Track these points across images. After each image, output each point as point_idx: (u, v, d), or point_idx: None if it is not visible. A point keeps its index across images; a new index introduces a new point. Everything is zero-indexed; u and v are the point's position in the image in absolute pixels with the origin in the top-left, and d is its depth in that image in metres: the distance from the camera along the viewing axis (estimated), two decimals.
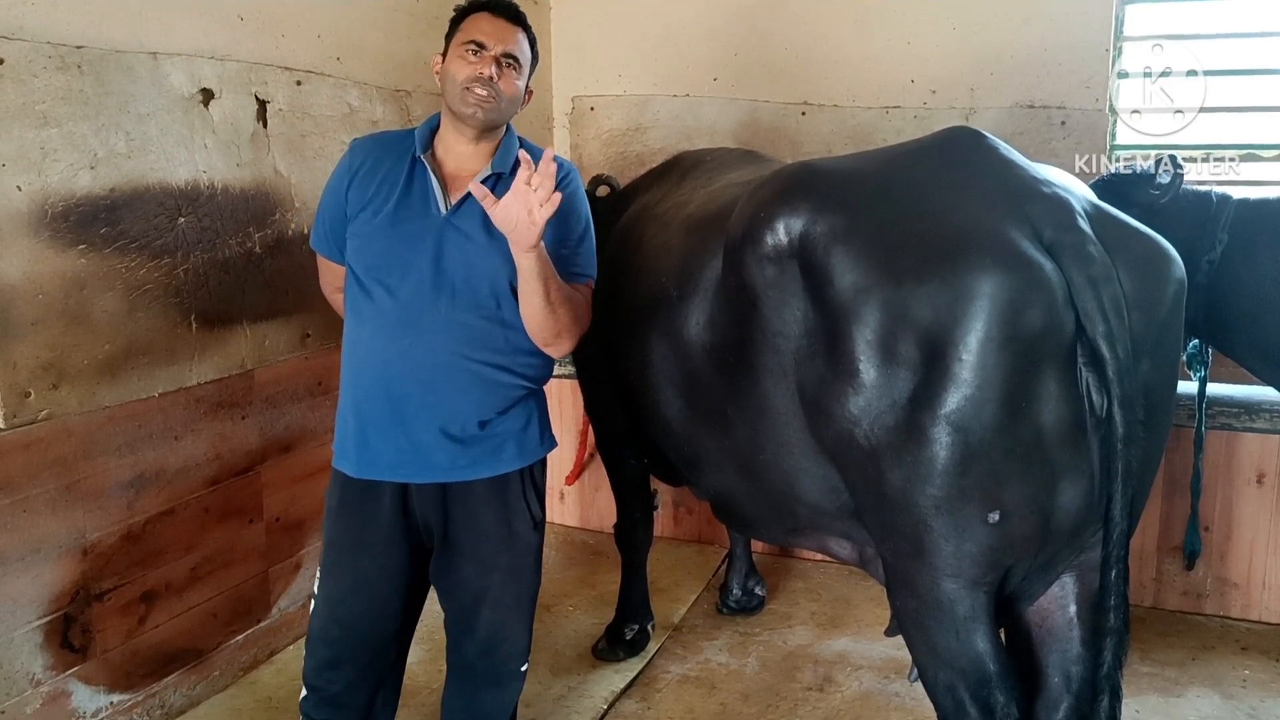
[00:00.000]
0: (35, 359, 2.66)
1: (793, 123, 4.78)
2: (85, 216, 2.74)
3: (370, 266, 2.31)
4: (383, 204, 2.32)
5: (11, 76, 2.55)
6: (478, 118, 2.29)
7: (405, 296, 2.28)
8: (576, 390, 3.90)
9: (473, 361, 2.30)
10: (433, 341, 2.28)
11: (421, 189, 2.33)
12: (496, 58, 2.29)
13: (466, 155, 2.36)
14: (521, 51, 2.35)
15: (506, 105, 2.33)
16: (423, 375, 2.28)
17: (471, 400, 2.32)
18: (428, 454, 2.32)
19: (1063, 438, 1.93)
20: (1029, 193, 2.01)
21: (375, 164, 2.36)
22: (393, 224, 2.30)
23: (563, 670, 3.47)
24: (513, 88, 2.33)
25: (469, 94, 2.27)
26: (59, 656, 2.78)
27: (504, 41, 2.31)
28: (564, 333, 2.32)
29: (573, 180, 2.42)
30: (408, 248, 2.29)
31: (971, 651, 2.03)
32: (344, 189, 2.36)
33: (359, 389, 2.35)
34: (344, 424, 2.39)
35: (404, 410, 2.30)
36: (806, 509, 2.39)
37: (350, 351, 2.38)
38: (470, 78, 2.27)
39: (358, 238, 2.34)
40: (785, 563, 4.30)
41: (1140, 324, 1.93)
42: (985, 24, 4.41)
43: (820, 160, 2.34)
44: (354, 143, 2.44)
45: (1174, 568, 3.82)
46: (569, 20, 5.18)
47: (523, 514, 2.45)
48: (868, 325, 1.97)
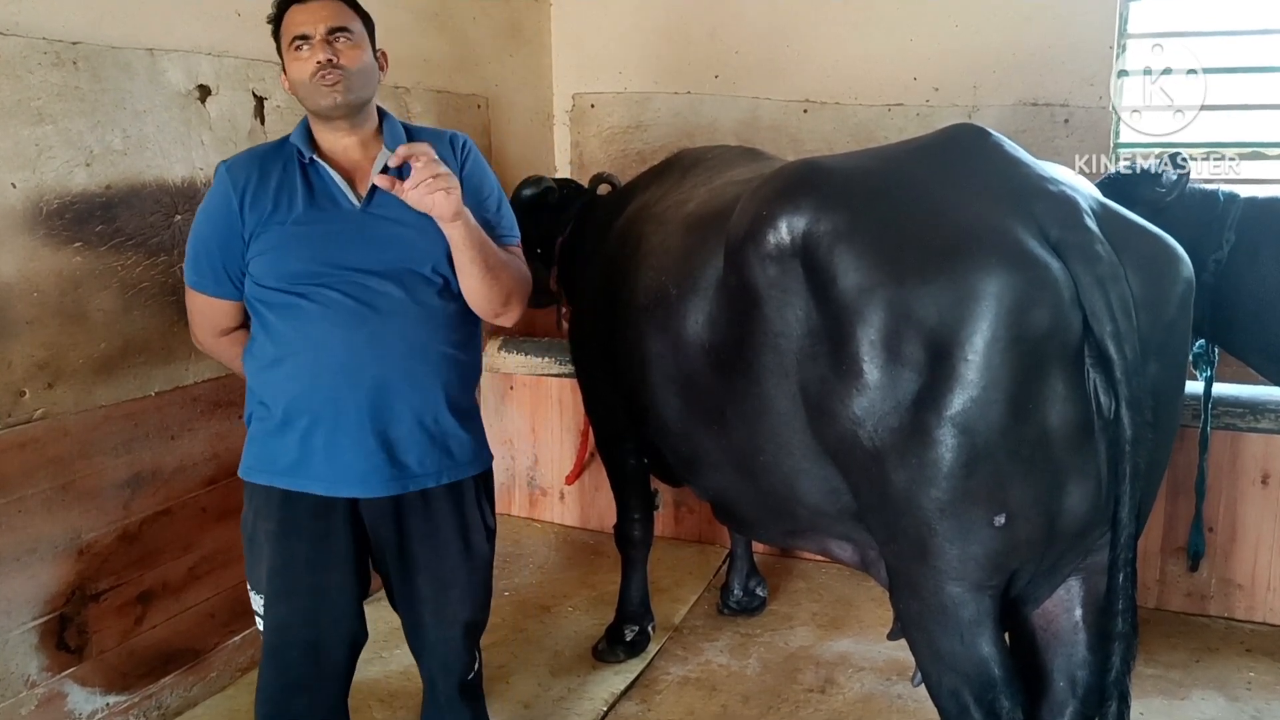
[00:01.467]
0: (30, 358, 2.63)
1: (794, 120, 4.76)
2: (81, 214, 2.72)
3: (296, 273, 2.20)
4: (287, 212, 2.22)
5: (7, 72, 2.53)
6: (338, 103, 2.18)
7: (354, 289, 2.20)
8: (576, 390, 3.88)
9: (439, 342, 2.27)
10: (397, 327, 2.22)
11: (324, 189, 2.24)
12: (325, 39, 2.16)
13: (351, 147, 2.28)
14: (346, 20, 2.21)
15: (359, 78, 2.20)
16: (395, 360, 2.22)
17: (445, 386, 2.29)
18: (400, 456, 2.25)
19: (1069, 439, 1.90)
20: (1035, 191, 1.99)
21: (261, 178, 2.24)
22: (309, 228, 2.21)
23: (562, 671, 3.45)
24: (356, 58, 2.20)
25: (319, 86, 2.16)
26: (54, 658, 2.76)
27: (323, 20, 2.17)
28: (511, 298, 2.30)
29: (470, 148, 2.38)
30: (334, 246, 2.20)
31: (976, 656, 2.01)
32: (236, 211, 2.22)
33: (316, 395, 2.21)
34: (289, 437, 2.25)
35: (375, 405, 2.22)
36: (807, 510, 2.36)
37: (293, 360, 2.23)
38: (312, 71, 2.16)
39: (271, 252, 2.21)
40: (786, 563, 4.27)
41: (1148, 324, 1.90)
42: (988, 21, 4.39)
43: (823, 158, 2.31)
44: (224, 166, 2.28)
45: (1178, 569, 3.80)
46: (570, 17, 5.17)
47: (478, 525, 2.42)
48: (872, 325, 1.94)
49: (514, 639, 3.66)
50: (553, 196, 3.80)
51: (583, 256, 3.53)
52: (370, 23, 2.30)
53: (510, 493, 4.87)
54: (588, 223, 3.64)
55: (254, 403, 2.32)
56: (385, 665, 3.37)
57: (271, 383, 2.27)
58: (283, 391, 2.25)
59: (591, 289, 3.27)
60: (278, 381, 2.26)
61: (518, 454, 4.82)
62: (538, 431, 4.76)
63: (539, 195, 3.78)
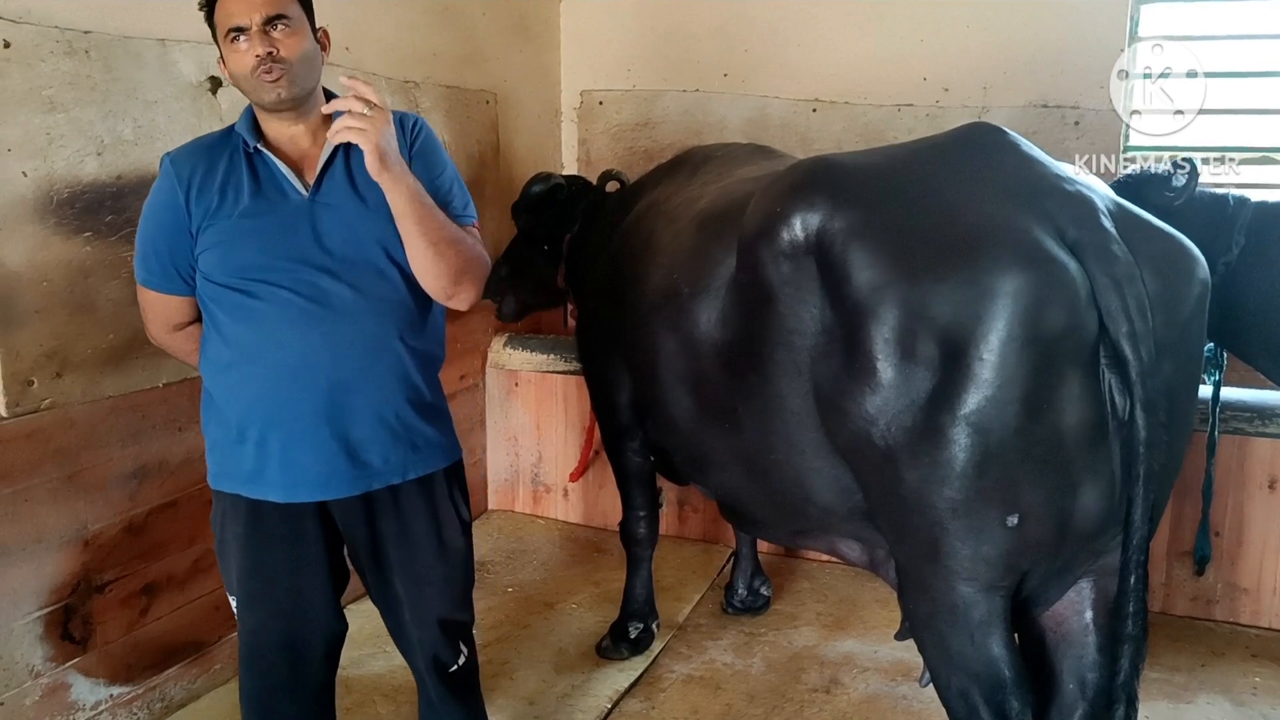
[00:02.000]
0: (39, 347, 2.63)
1: (803, 119, 4.75)
2: (91, 203, 2.71)
3: (246, 268, 2.13)
4: (234, 205, 2.15)
5: (18, 60, 2.52)
6: (284, 97, 2.10)
7: (304, 286, 2.13)
8: (582, 386, 3.87)
9: (395, 336, 2.21)
10: (352, 323, 2.16)
11: (270, 179, 2.17)
12: (260, 30, 2.06)
13: (299, 135, 2.20)
14: (282, 5, 2.09)
15: (301, 67, 2.11)
16: (351, 358, 2.16)
17: (401, 381, 2.23)
18: (361, 454, 2.20)
19: (1084, 440, 1.89)
20: (1051, 190, 1.98)
21: (207, 170, 2.17)
22: (256, 220, 2.14)
23: (566, 668, 3.44)
24: (296, 46, 2.09)
25: (261, 82, 2.08)
26: (59, 648, 2.75)
27: (257, 9, 2.06)
28: (462, 277, 2.20)
29: (421, 127, 2.31)
30: (282, 239, 2.13)
31: (986, 656, 2.00)
32: (181, 205, 2.15)
33: (271, 398, 2.16)
34: (245, 446, 2.19)
35: (333, 405, 2.16)
36: (817, 510, 2.35)
37: (247, 362, 2.17)
38: (252, 66, 2.07)
39: (218, 246, 2.15)
40: (791, 563, 4.27)
41: (1164, 324, 1.90)
42: (999, 22, 4.38)
43: (837, 155, 2.30)
44: (169, 157, 2.21)
45: (1184, 573, 3.79)
46: (578, 14, 5.16)
47: (451, 520, 2.38)
48: (886, 323, 1.94)
49: (518, 635, 3.66)
50: (561, 193, 3.79)
51: (591, 253, 3.53)
52: (309, 2, 2.19)
53: (514, 489, 4.86)
54: (596, 219, 3.63)
55: (209, 406, 2.26)
56: (390, 660, 3.35)
57: (226, 387, 2.22)
58: (236, 397, 2.20)
59: (600, 286, 3.27)
60: (231, 386, 2.20)
61: (522, 451, 4.81)
62: (542, 428, 4.76)
63: (548, 192, 3.77)
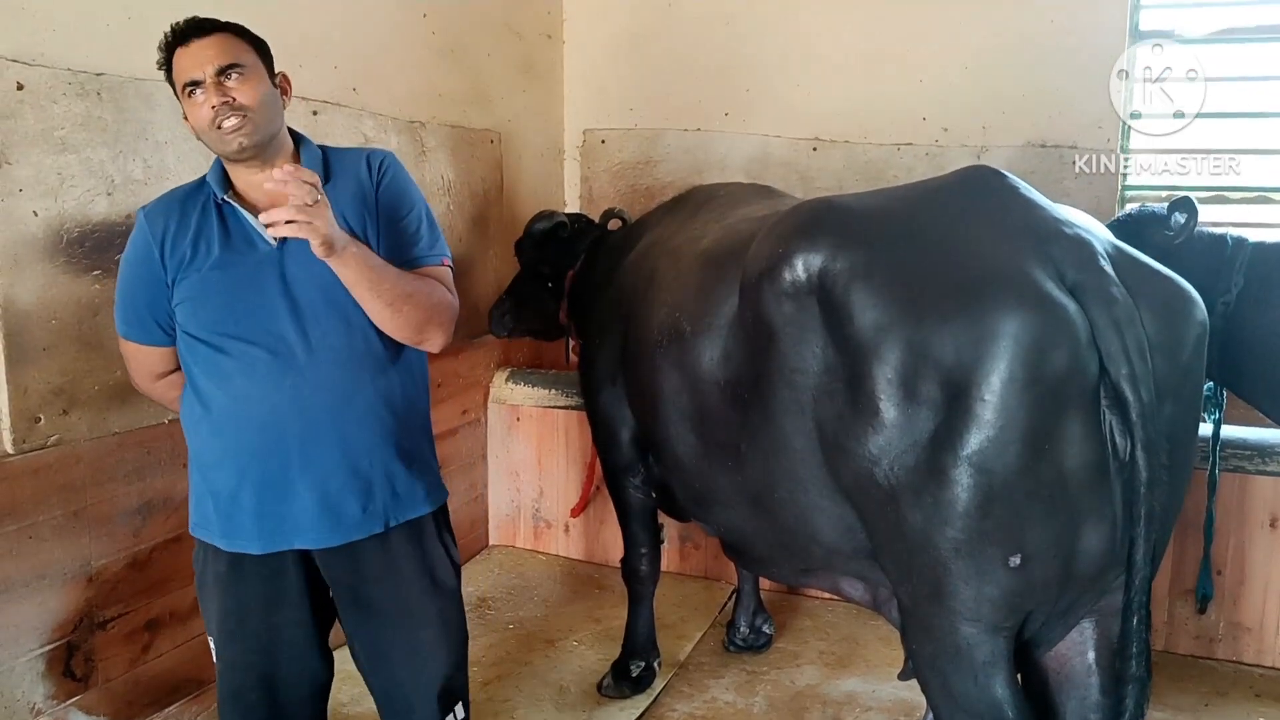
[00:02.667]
0: (47, 384, 2.65)
1: (804, 158, 4.80)
2: (100, 242, 2.74)
3: (216, 322, 2.14)
4: (205, 258, 2.15)
5: (31, 102, 2.56)
6: (245, 145, 2.09)
7: (270, 340, 2.12)
8: (583, 421, 3.89)
9: (365, 385, 2.19)
10: (319, 375, 2.14)
11: (239, 230, 2.16)
12: (214, 82, 2.05)
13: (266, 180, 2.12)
14: (237, 55, 2.09)
15: (261, 113, 2.10)
16: (318, 413, 2.14)
17: (374, 431, 2.20)
18: (338, 506, 2.18)
19: (1086, 481, 1.91)
20: (1051, 233, 2.00)
21: (180, 222, 2.17)
22: (225, 273, 2.13)
23: (567, 707, 3.43)
24: (253, 92, 2.09)
25: (221, 132, 2.07)
26: (60, 685, 2.75)
27: (211, 60, 2.06)
28: (425, 327, 2.18)
29: (388, 165, 2.27)
30: (252, 291, 2.13)
31: (990, 697, 2.00)
32: (156, 258, 2.16)
33: (243, 454, 2.15)
34: (220, 501, 2.19)
35: (305, 459, 2.14)
36: (821, 548, 2.36)
37: (219, 417, 2.17)
38: (211, 117, 2.06)
39: (191, 300, 2.16)
40: (793, 600, 4.25)
41: (1163, 366, 1.92)
42: (997, 63, 4.44)
43: (840, 196, 2.33)
44: (143, 212, 2.23)
45: (1186, 611, 3.78)
46: (582, 54, 5.22)
47: (442, 560, 2.35)
48: (888, 364, 1.95)
49: (519, 673, 3.64)
50: (564, 230, 3.83)
51: (593, 290, 3.56)
52: (265, 48, 2.18)
53: (516, 524, 4.86)
54: (598, 257, 3.67)
55: (191, 456, 2.27)
56: None
57: (199, 440, 2.22)
58: (208, 449, 2.20)
59: (603, 323, 3.29)
60: (204, 439, 2.21)
61: (523, 486, 4.81)
62: (543, 464, 4.76)
63: (551, 229, 3.82)
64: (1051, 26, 4.36)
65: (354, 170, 2.25)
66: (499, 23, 4.72)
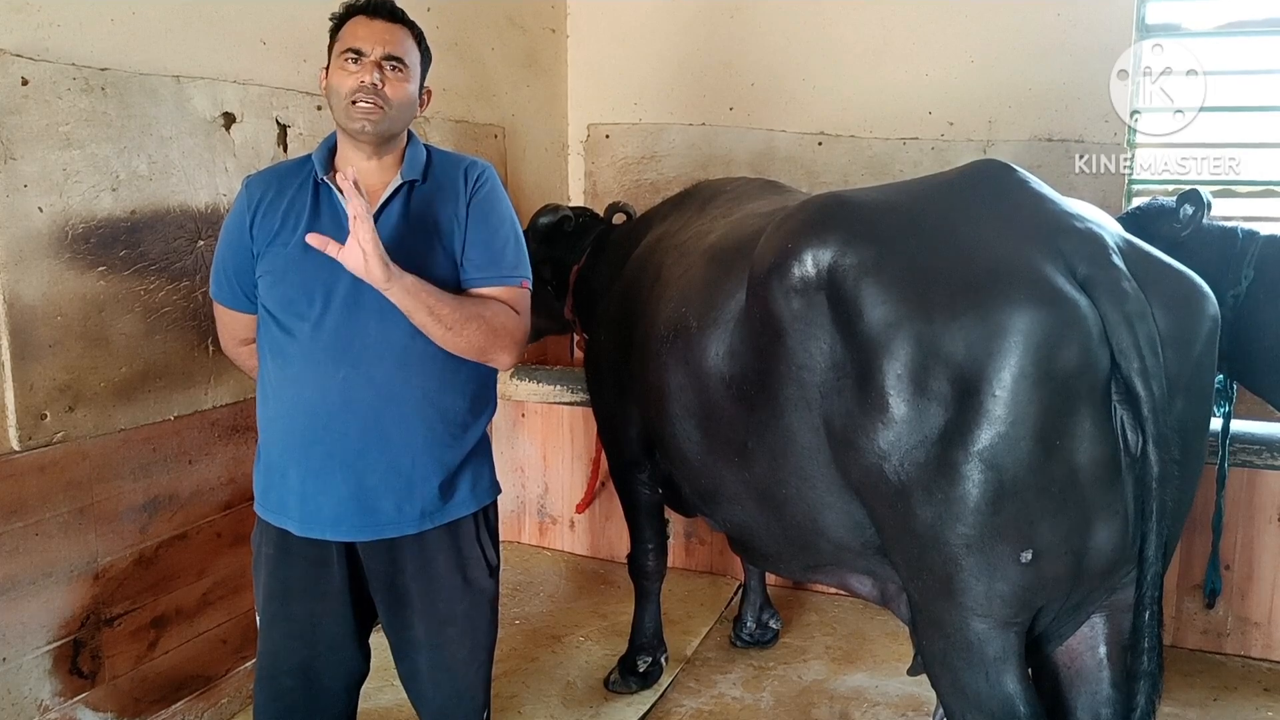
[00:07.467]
0: (52, 381, 2.64)
1: (809, 153, 4.79)
2: (106, 238, 2.73)
3: (287, 301, 2.16)
4: (291, 234, 2.17)
5: (36, 98, 2.55)
6: (367, 131, 2.13)
7: (331, 325, 2.14)
8: (588, 417, 3.88)
9: (415, 388, 2.18)
10: (371, 371, 2.15)
11: (330, 212, 2.18)
12: (377, 62, 2.11)
13: (369, 170, 2.20)
14: (405, 51, 2.16)
15: (396, 112, 2.15)
16: (364, 409, 2.15)
17: (418, 433, 2.20)
18: (373, 502, 2.18)
19: (1097, 476, 1.90)
20: (1062, 227, 1.99)
21: (277, 195, 2.21)
22: (305, 253, 2.10)
23: (574, 703, 3.43)
24: (401, 92, 2.15)
25: (354, 108, 2.11)
26: (67, 682, 2.74)
27: (384, 44, 2.12)
28: (487, 351, 2.19)
29: (485, 179, 2.28)
30: (324, 275, 2.12)
31: (1001, 693, 1.99)
32: (247, 227, 2.21)
33: (292, 435, 2.19)
34: (273, 475, 2.24)
35: (346, 451, 2.16)
36: (829, 544, 2.35)
37: (276, 396, 2.21)
38: (353, 89, 2.10)
39: (270, 274, 2.19)
40: (800, 596, 4.25)
41: (1175, 361, 1.91)
42: (1003, 57, 4.42)
43: (849, 191, 2.32)
44: (249, 179, 2.28)
45: (1194, 606, 3.77)
46: (586, 48, 5.21)
47: (477, 560, 2.33)
48: (898, 359, 1.94)
49: (525, 669, 3.64)
50: (569, 225, 3.82)
51: (598, 285, 3.55)
52: (428, 60, 2.26)
53: (520, 521, 4.86)
54: (603, 251, 3.65)
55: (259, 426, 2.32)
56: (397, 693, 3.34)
57: (264, 418, 2.27)
58: (267, 428, 2.26)
59: (608, 318, 3.28)
60: (265, 418, 2.26)
61: (528, 482, 4.81)
62: (549, 460, 4.76)
63: (555, 223, 3.81)
64: (1058, 20, 4.34)
65: (452, 176, 2.26)
66: (502, 17, 4.71)
